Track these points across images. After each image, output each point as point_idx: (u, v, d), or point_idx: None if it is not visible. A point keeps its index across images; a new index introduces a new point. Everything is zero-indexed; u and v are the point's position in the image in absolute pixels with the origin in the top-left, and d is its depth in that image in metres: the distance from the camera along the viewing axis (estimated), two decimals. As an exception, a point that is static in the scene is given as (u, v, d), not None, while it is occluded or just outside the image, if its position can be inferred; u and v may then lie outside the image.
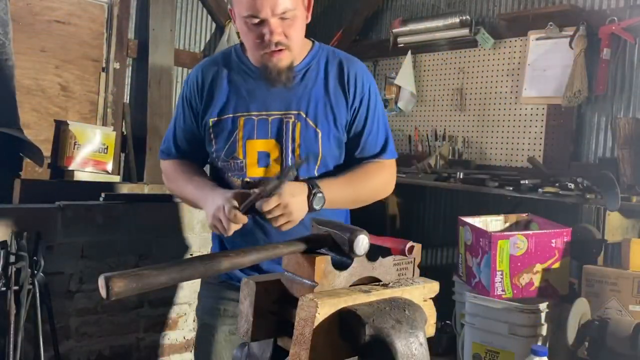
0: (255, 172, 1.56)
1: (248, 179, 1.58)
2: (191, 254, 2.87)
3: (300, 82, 1.56)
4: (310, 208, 1.41)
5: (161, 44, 4.40)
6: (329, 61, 1.61)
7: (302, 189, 1.43)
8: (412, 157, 3.92)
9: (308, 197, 1.41)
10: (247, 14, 1.43)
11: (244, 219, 1.38)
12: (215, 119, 1.58)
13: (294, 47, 1.50)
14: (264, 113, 1.55)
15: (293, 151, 1.54)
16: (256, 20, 1.43)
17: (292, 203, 1.36)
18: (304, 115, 1.55)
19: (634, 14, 3.02)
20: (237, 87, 1.58)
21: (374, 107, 1.60)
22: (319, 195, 1.43)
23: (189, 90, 1.63)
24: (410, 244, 1.05)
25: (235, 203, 1.37)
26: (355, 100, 1.58)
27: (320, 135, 1.54)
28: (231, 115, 1.57)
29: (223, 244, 1.69)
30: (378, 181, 1.62)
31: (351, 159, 1.60)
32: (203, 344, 1.70)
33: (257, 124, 1.55)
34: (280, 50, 1.47)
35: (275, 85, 1.52)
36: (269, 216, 1.37)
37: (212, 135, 1.59)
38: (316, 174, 1.56)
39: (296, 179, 1.45)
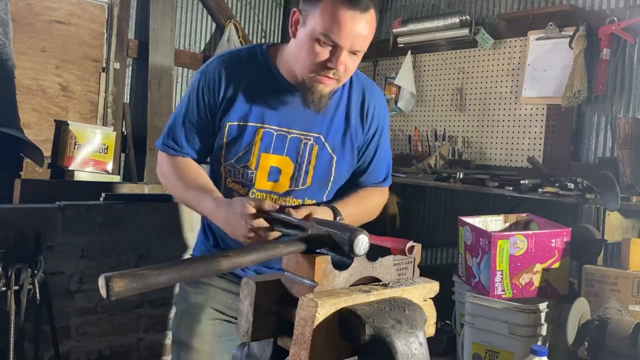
0: (263, 185, 1.54)
1: (280, 204, 1.52)
2: (191, 254, 2.87)
3: None
4: None
5: (161, 44, 4.40)
6: (353, 86, 1.57)
7: (329, 214, 1.44)
8: (412, 157, 3.92)
9: None
10: (324, 33, 1.37)
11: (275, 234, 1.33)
12: (235, 123, 1.52)
13: (344, 80, 1.49)
14: (284, 129, 1.52)
15: (307, 172, 1.54)
16: (330, 43, 1.38)
17: None
18: (323, 140, 1.54)
19: (634, 14, 3.02)
20: (261, 95, 1.52)
21: (385, 137, 1.64)
22: (342, 221, 1.44)
23: (207, 85, 1.52)
24: (410, 243, 1.05)
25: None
26: (371, 129, 1.59)
27: (335, 160, 1.55)
28: (252, 124, 1.51)
29: (216, 239, 1.64)
30: (376, 204, 1.67)
31: (353, 181, 1.64)
32: (187, 322, 1.63)
33: (276, 138, 1.53)
34: (333, 79, 1.43)
35: (309, 108, 1.47)
36: None
37: (225, 139, 1.52)
38: (325, 199, 1.58)
39: (317, 203, 1.54)
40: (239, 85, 1.51)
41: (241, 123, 1.51)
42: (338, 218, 1.45)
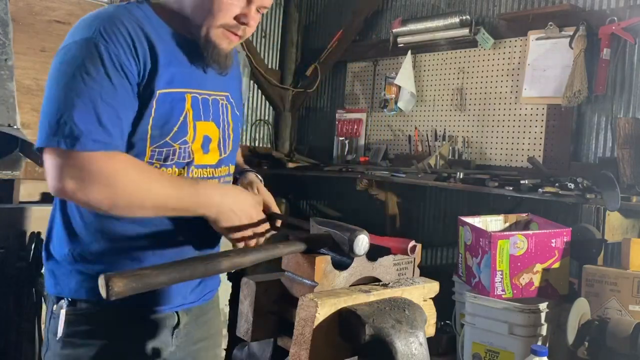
0: (201, 159, 1.34)
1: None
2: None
3: None
4: None
5: (161, 44, 4.40)
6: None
7: (255, 179, 1.51)
8: (412, 157, 3.92)
9: None
10: None
11: None
12: (166, 91, 1.25)
13: (246, 38, 1.38)
14: (204, 92, 1.35)
15: (229, 136, 1.41)
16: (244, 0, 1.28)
17: None
18: (231, 99, 1.43)
19: (634, 14, 3.02)
20: (171, 55, 1.28)
21: None
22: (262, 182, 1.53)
23: (117, 50, 1.19)
24: (412, 243, 1.05)
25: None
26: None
27: (239, 120, 1.48)
28: (181, 90, 1.29)
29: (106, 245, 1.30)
30: None
31: None
32: None
33: (202, 103, 1.34)
34: (238, 36, 1.32)
35: (213, 67, 1.33)
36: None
37: (154, 113, 1.23)
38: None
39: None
40: (153, 46, 1.24)
41: (171, 90, 1.27)
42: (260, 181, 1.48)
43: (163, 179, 1.21)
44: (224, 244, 1.46)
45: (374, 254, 1.05)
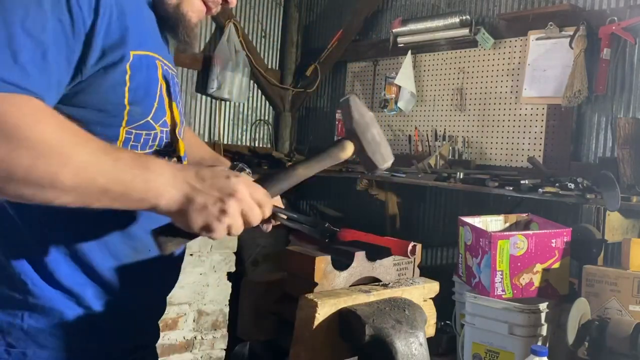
0: (181, 147, 1.11)
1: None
2: (191, 254, 2.87)
3: None
4: None
5: (161, 44, 4.40)
6: None
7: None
8: (412, 157, 3.92)
9: None
10: None
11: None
12: (138, 52, 0.97)
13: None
14: (167, 63, 1.11)
15: (182, 123, 1.15)
16: None
17: None
18: (177, 79, 1.20)
19: (634, 14, 3.02)
20: (141, 18, 1.02)
21: None
22: None
23: None
24: (412, 244, 1.05)
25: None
26: None
27: None
28: (152, 55, 1.02)
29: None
30: None
31: None
32: None
33: (170, 77, 1.10)
34: (212, 10, 1.16)
35: (181, 39, 1.11)
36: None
37: (128, 80, 0.95)
38: None
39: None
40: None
41: (144, 52, 0.99)
42: None
43: (95, 143, 0.84)
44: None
45: (374, 253, 1.05)
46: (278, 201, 1.21)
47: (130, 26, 0.95)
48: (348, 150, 1.02)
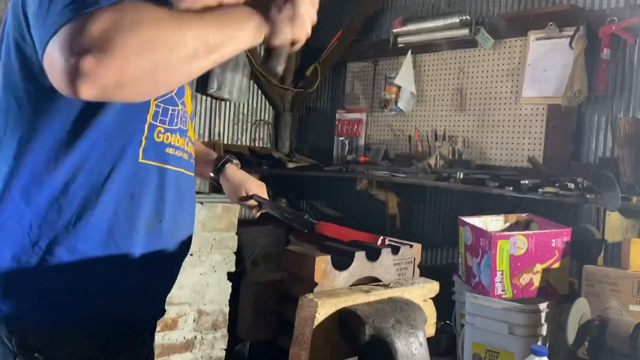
0: (191, 132, 1.20)
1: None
2: (191, 254, 2.86)
3: None
4: None
5: (161, 44, 4.39)
6: None
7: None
8: (412, 157, 3.92)
9: None
10: None
11: None
12: None
13: None
14: None
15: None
16: None
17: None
18: None
19: (634, 14, 3.02)
20: None
21: None
22: None
23: None
24: (381, 237, 1.07)
25: None
26: None
27: None
28: None
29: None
30: None
31: None
32: None
33: None
34: None
35: None
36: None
37: None
38: None
39: None
40: None
41: None
42: None
43: (191, 13, 0.93)
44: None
45: (374, 254, 1.05)
46: (264, 192, 1.41)
47: None
48: None
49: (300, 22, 1.04)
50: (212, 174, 1.56)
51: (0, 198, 1.00)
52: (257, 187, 1.53)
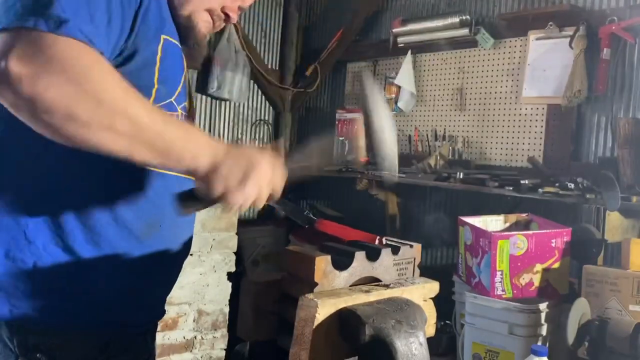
0: None
1: None
2: (191, 254, 2.87)
3: None
4: None
5: (161, 44, 4.39)
6: None
7: None
8: (412, 157, 3.92)
9: None
10: None
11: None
12: (168, 37, 1.09)
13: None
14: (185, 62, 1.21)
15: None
16: None
17: None
18: None
19: (634, 14, 3.02)
20: (168, 16, 1.12)
21: None
22: None
23: None
24: (378, 237, 1.08)
25: None
26: None
27: None
28: (177, 43, 1.13)
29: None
30: None
31: None
32: None
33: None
34: (216, 26, 1.23)
35: (188, 47, 1.18)
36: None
37: (159, 61, 1.05)
38: None
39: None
40: None
41: (172, 39, 1.10)
42: None
43: (147, 103, 0.93)
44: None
45: (374, 254, 1.05)
46: None
47: (166, 17, 1.08)
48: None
49: (249, 192, 0.95)
50: None
51: None
52: None
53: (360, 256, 1.02)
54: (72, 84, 0.82)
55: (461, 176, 3.25)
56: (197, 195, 0.97)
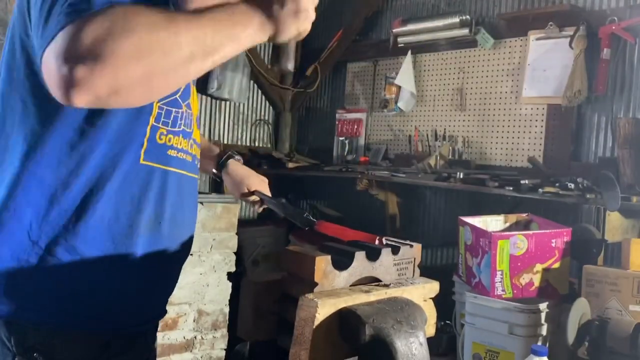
0: (197, 134, 1.23)
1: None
2: (191, 254, 2.86)
3: None
4: None
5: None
6: None
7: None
8: (412, 157, 3.92)
9: None
10: None
11: None
12: None
13: None
14: None
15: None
16: None
17: None
18: None
19: (634, 14, 3.02)
20: None
21: None
22: None
23: None
24: (378, 237, 1.08)
25: None
26: None
27: None
28: None
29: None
30: None
31: None
32: None
33: None
34: None
35: None
36: None
37: None
38: None
39: None
40: None
41: None
42: None
43: (192, 19, 0.88)
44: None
45: (374, 254, 1.05)
46: (266, 188, 1.47)
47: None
48: None
49: (304, 16, 1.01)
50: (214, 170, 1.58)
51: (2, 196, 1.01)
52: (259, 183, 1.54)
53: (360, 256, 1.02)
54: (128, 36, 0.78)
55: (461, 176, 3.25)
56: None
